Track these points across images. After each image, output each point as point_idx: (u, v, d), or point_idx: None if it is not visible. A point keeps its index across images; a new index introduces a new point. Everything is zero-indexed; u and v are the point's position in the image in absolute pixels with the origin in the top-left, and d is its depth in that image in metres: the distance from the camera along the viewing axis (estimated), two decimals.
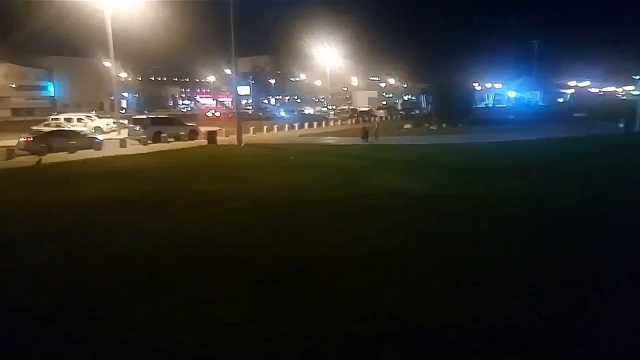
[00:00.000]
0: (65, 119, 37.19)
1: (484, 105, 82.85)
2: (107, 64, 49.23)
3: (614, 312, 5.35)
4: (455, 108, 39.11)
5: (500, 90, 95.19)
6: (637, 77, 53.92)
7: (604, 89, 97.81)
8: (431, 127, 38.43)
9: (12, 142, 24.78)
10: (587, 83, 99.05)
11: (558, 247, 7.49)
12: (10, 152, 22.34)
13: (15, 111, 75.20)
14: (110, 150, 25.08)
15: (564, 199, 10.98)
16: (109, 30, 35.39)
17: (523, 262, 6.88)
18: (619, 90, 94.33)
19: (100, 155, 22.95)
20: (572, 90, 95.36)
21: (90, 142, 26.06)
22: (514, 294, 5.75)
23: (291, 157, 20.70)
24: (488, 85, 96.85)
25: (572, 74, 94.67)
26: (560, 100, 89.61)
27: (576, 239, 7.96)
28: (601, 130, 29.62)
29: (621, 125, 30.00)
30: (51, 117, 39.54)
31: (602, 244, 7.71)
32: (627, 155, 18.91)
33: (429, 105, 59.35)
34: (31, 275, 6.89)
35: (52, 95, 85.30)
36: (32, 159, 21.07)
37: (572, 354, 4.51)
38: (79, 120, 37.41)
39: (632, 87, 69.29)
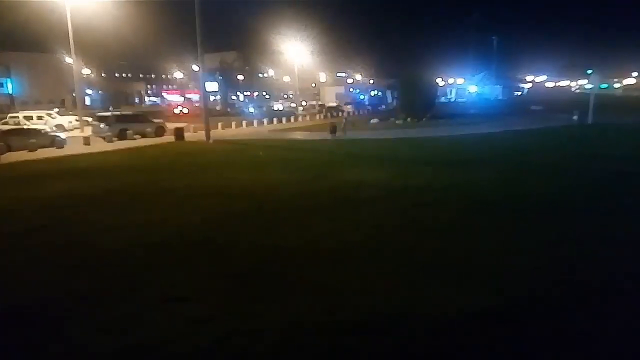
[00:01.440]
0: (24, 116, 35.97)
1: (446, 100, 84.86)
2: (68, 60, 47.75)
3: (580, 298, 5.57)
4: (419, 103, 40.02)
5: (462, 85, 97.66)
6: (590, 72, 56.49)
7: (559, 83, 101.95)
8: (397, 122, 39.22)
9: None
10: (543, 78, 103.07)
11: (523, 234, 7.88)
12: None
13: None
14: (74, 148, 24.52)
15: (527, 189, 11.52)
16: (70, 25, 34.39)
17: (489, 250, 7.15)
18: (573, 84, 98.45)
19: (63, 154, 22.45)
20: (530, 85, 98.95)
21: (51, 140, 25.40)
22: (480, 282, 5.95)
23: (261, 153, 20.85)
24: (450, 80, 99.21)
25: (529, 69, 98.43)
26: (519, 93, 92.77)
27: (537, 225, 8.37)
28: (557, 122, 31.07)
29: (575, 117, 31.53)
30: (9, 115, 38.15)
31: (562, 230, 8.11)
32: (582, 145, 19.97)
33: (395, 100, 60.38)
34: None
35: (10, 92, 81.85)
36: None
37: (536, 340, 4.65)
38: (39, 118, 36.24)
39: (586, 81, 72.53)
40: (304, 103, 72.60)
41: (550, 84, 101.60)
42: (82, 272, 6.80)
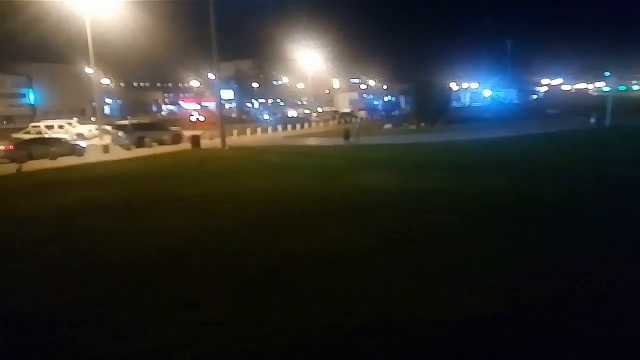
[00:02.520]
0: (45, 126, 36.95)
1: (460, 105, 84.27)
2: (88, 70, 48.91)
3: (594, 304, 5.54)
4: (433, 108, 39.94)
5: (476, 89, 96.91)
6: (607, 74, 55.60)
7: (575, 86, 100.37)
8: (410, 127, 39.16)
9: None
10: (559, 81, 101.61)
11: (536, 241, 7.78)
12: None
13: None
14: (93, 156, 25.09)
15: (539, 193, 11.43)
16: (89, 37, 35.25)
17: (500, 256, 7.10)
18: (590, 87, 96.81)
19: (83, 162, 22.99)
20: (546, 88, 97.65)
21: (72, 149, 26.02)
22: (490, 287, 5.91)
23: (275, 159, 21.08)
24: (465, 85, 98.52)
25: (545, 72, 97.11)
26: (534, 97, 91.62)
27: (552, 231, 8.26)
28: (573, 125, 30.66)
29: (592, 120, 31.10)
30: (31, 124, 39.22)
31: (579, 236, 7.99)
32: (599, 149, 19.68)
33: (409, 106, 60.29)
34: (14, 282, 6.95)
35: (32, 102, 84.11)
36: (12, 167, 21.07)
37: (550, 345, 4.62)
38: (60, 127, 37.16)
39: (603, 84, 71.32)
40: (319, 109, 72.97)
41: (566, 87, 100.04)
42: (96, 278, 6.94)
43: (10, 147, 24.58)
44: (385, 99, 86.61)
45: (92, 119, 51.86)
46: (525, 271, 6.49)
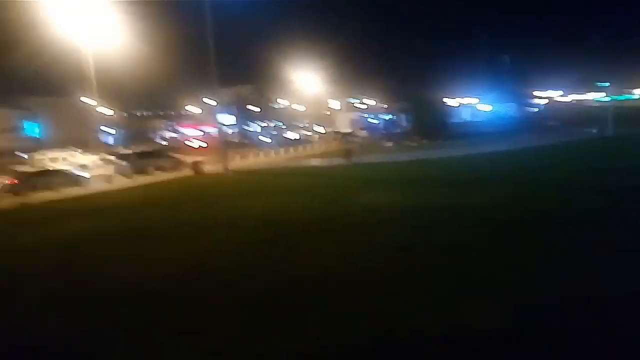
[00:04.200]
0: (50, 158, 37.29)
1: (461, 120, 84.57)
2: (90, 101, 49.67)
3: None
4: (433, 124, 40.19)
5: (476, 104, 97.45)
6: (607, 84, 55.85)
7: (576, 97, 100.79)
8: (411, 144, 39.32)
9: None
10: (559, 93, 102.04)
11: (542, 254, 7.71)
12: None
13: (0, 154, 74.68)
14: (97, 186, 25.22)
15: (543, 206, 11.33)
16: (92, 70, 35.92)
17: (507, 272, 7.01)
18: (590, 98, 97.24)
19: (86, 192, 23.10)
20: (546, 101, 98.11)
21: (75, 180, 26.16)
22: (499, 304, 5.80)
23: (276, 182, 21.12)
24: (464, 100, 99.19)
25: (544, 85, 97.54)
26: (535, 110, 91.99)
27: (556, 244, 8.19)
28: (575, 136, 30.72)
29: (594, 130, 31.16)
30: (35, 157, 39.59)
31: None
32: (599, 159, 19.65)
33: (409, 124, 60.62)
34: (17, 315, 6.94)
35: (37, 135, 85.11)
36: (18, 200, 21.18)
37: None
38: (64, 159, 37.51)
39: (603, 94, 71.63)
40: (320, 130, 73.41)
41: (566, 99, 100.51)
42: (98, 308, 6.91)
43: (15, 180, 24.74)
44: (386, 117, 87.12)
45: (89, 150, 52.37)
46: (533, 284, 6.40)
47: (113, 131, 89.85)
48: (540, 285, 6.38)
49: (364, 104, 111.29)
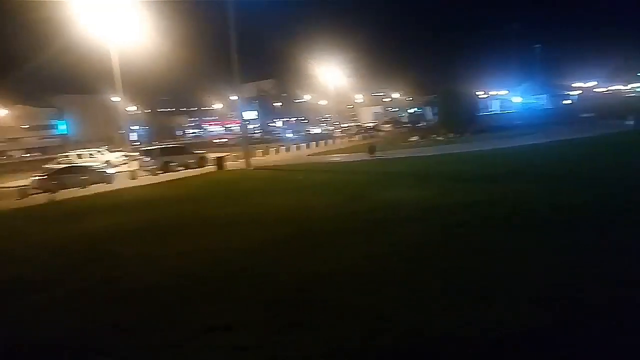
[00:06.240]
0: (76, 155, 38.00)
1: (489, 113, 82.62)
2: (115, 99, 50.38)
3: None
4: (460, 117, 39.10)
5: (505, 96, 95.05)
6: None
7: (610, 88, 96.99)
8: (438, 138, 38.41)
9: (26, 182, 25.34)
10: (593, 83, 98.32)
11: (572, 254, 7.26)
12: (22, 192, 22.82)
13: (29, 150, 77.05)
14: (122, 182, 25.48)
15: (578, 202, 10.62)
16: (116, 68, 36.25)
17: (535, 271, 6.69)
18: (626, 88, 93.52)
19: (112, 189, 23.32)
20: (579, 92, 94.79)
21: (101, 177, 26.52)
22: (528, 304, 5.57)
23: (300, 178, 20.80)
24: (493, 92, 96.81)
25: (577, 75, 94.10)
26: (567, 102, 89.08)
27: (589, 243, 7.68)
28: (610, 129, 29.28)
29: (631, 122, 29.65)
30: (63, 154, 40.41)
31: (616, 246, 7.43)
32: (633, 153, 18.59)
33: (435, 117, 59.50)
34: (45, 310, 6.97)
35: (64, 132, 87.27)
36: (45, 197, 21.50)
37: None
38: (90, 155, 38.18)
39: (639, 84, 68.77)
40: (344, 125, 72.86)
41: (601, 90, 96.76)
42: (126, 303, 6.90)
43: (44, 177, 25.19)
44: (411, 110, 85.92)
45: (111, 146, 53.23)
46: (562, 287, 6.00)
47: (137, 128, 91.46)
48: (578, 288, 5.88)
49: (389, 96, 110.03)
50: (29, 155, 71.32)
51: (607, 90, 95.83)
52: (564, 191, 12.00)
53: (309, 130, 63.96)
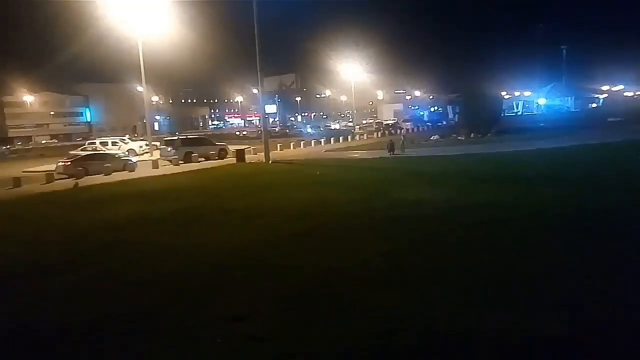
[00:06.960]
0: (100, 142, 38.77)
1: (513, 114, 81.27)
2: (139, 88, 51.14)
3: None
4: (483, 117, 38.53)
5: (530, 97, 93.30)
6: None
7: (638, 92, 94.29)
8: (459, 138, 37.96)
9: (52, 167, 25.99)
10: (620, 87, 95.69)
11: (590, 257, 7.23)
12: (49, 176, 23.43)
13: (54, 137, 78.93)
14: (144, 171, 25.87)
15: (600, 206, 10.54)
16: (141, 57, 36.81)
17: (555, 273, 6.66)
18: None
19: (134, 177, 23.73)
20: (605, 95, 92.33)
21: (124, 164, 27.00)
22: (548, 308, 5.54)
23: (318, 173, 20.85)
24: (517, 93, 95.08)
25: (604, 78, 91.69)
26: (594, 105, 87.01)
27: (611, 249, 7.64)
28: (638, 134, 28.48)
29: None
30: (88, 141, 41.27)
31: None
32: None
33: (456, 116, 58.75)
34: (67, 294, 7.19)
35: (89, 120, 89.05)
36: (70, 182, 22.03)
37: None
38: (114, 143, 38.88)
39: None
40: (363, 121, 72.55)
41: (629, 94, 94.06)
42: (144, 290, 7.05)
43: (68, 163, 25.79)
44: (432, 109, 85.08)
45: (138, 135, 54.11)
46: (582, 290, 5.99)
47: (159, 117, 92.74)
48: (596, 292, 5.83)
49: (409, 94, 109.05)
50: (55, 141, 72.97)
51: (635, 95, 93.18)
52: (590, 196, 11.82)
53: (328, 126, 63.97)
